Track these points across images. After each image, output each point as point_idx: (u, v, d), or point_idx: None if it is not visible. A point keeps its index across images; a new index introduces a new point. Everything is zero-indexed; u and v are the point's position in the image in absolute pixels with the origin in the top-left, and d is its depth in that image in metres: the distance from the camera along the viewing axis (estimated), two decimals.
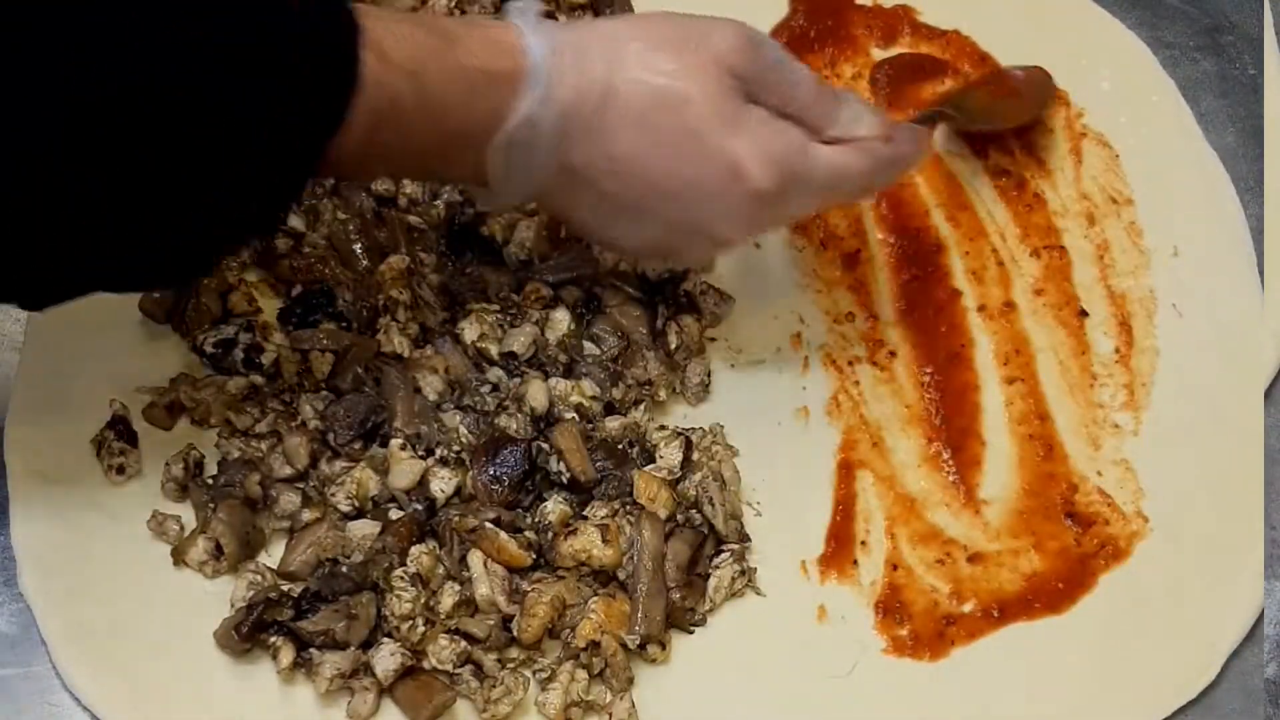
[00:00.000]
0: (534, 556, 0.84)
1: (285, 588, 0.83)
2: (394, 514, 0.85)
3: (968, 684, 0.85)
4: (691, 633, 0.86)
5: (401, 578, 0.82)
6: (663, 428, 0.89)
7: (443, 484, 0.85)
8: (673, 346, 0.92)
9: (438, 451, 0.87)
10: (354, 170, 0.84)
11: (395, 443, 0.86)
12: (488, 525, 0.84)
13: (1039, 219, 1.00)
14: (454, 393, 0.89)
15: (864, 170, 0.84)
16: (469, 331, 0.90)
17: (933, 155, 1.02)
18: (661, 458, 0.87)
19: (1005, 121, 1.02)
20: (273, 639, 0.81)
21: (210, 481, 0.86)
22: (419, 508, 0.85)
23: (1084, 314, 0.97)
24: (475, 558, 0.84)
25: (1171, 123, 1.04)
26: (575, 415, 0.88)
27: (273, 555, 0.85)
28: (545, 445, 0.86)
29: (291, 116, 0.71)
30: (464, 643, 0.82)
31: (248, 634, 0.81)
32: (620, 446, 0.88)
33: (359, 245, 0.93)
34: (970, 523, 0.90)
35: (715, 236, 0.84)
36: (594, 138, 0.78)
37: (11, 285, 0.72)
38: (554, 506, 0.85)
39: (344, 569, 0.83)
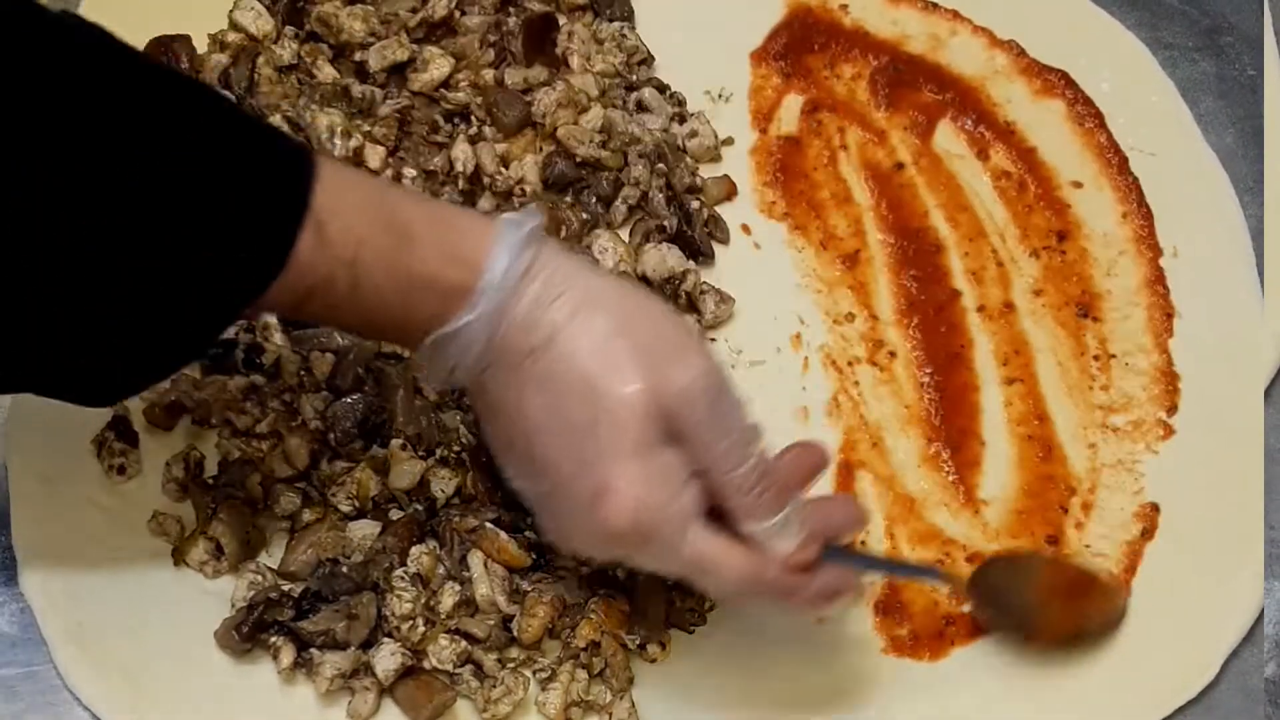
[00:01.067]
0: (534, 556, 0.84)
1: (286, 588, 0.83)
2: (394, 514, 0.85)
3: (968, 684, 0.85)
4: (691, 633, 0.86)
5: (402, 578, 0.82)
6: None
7: (443, 484, 0.85)
8: None
9: (438, 451, 0.87)
10: (281, 315, 0.88)
11: (395, 443, 0.86)
12: (488, 525, 0.84)
13: (1039, 219, 1.00)
14: (454, 393, 0.89)
15: (739, 578, 0.73)
16: None
17: (932, 156, 1.02)
18: None
19: (1029, 636, 0.86)
20: (273, 639, 0.81)
21: (211, 481, 0.86)
22: (419, 508, 0.85)
23: (1084, 314, 0.97)
24: (475, 558, 0.84)
25: (1171, 123, 1.04)
26: None
27: (273, 555, 0.85)
28: None
29: (216, 277, 0.68)
30: (464, 643, 0.82)
31: (248, 634, 0.81)
32: None
33: None
34: (969, 523, 0.90)
35: (569, 538, 0.76)
36: (513, 380, 0.72)
37: None
38: None
39: (344, 569, 0.83)
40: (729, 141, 1.02)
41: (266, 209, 0.69)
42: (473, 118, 0.98)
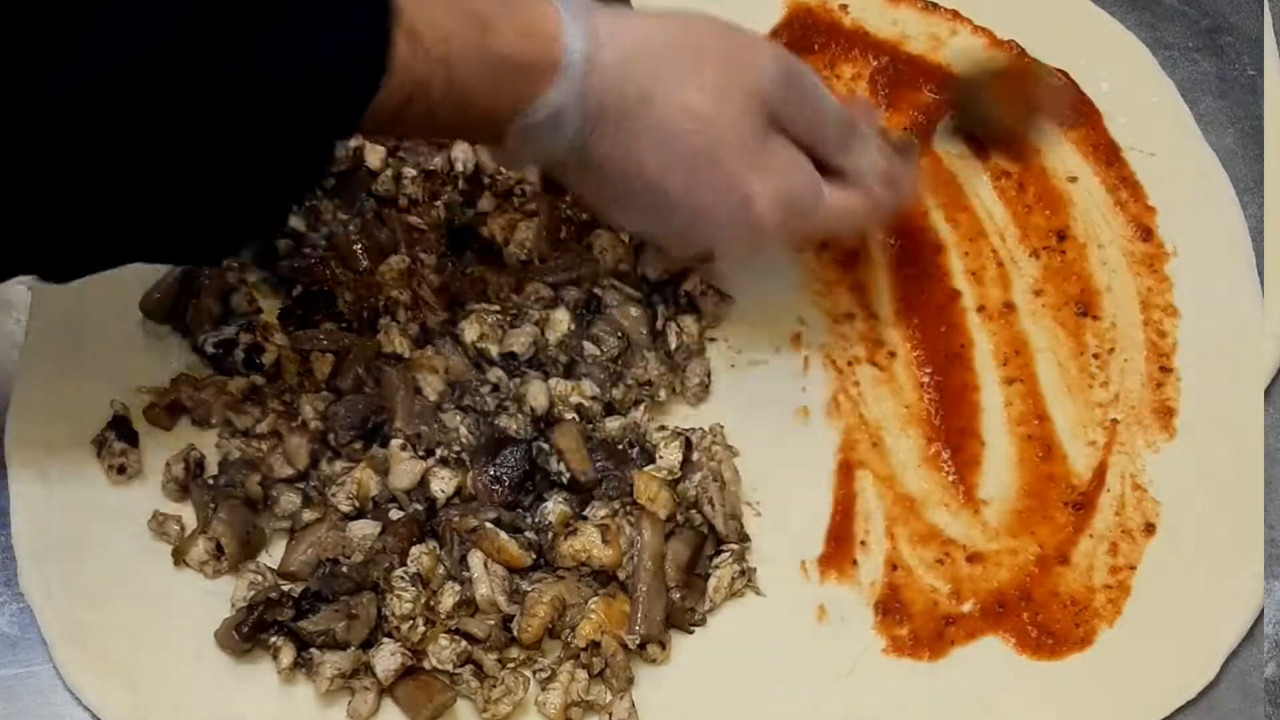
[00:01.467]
0: (534, 556, 0.84)
1: (285, 588, 0.83)
2: (394, 514, 0.85)
3: (968, 684, 0.85)
4: (691, 633, 0.86)
5: (402, 578, 0.82)
6: (663, 428, 0.89)
7: (443, 484, 0.85)
8: (673, 346, 0.92)
9: (438, 452, 0.87)
10: (378, 134, 0.90)
11: (395, 443, 0.86)
12: (488, 525, 0.84)
13: (1038, 219, 1.00)
14: (454, 393, 0.89)
15: (864, 213, 0.87)
16: (469, 331, 0.90)
17: (932, 156, 1.02)
18: (661, 458, 0.87)
19: (1012, 124, 1.02)
20: (273, 639, 0.81)
21: (211, 481, 0.87)
22: (419, 508, 0.85)
23: (1083, 313, 0.97)
24: (475, 558, 0.84)
25: (1171, 123, 1.04)
26: (575, 415, 0.88)
27: (273, 555, 0.85)
28: (545, 445, 0.86)
29: (321, 95, 0.71)
30: (464, 643, 0.82)
31: (248, 634, 0.81)
32: (620, 446, 0.88)
33: (359, 245, 0.93)
34: (969, 522, 0.90)
35: (713, 250, 0.88)
36: (620, 138, 0.78)
37: (39, 254, 0.73)
38: (554, 507, 0.85)
39: (344, 569, 0.83)
40: None
41: (363, 21, 0.71)
42: None
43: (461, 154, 0.96)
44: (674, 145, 0.79)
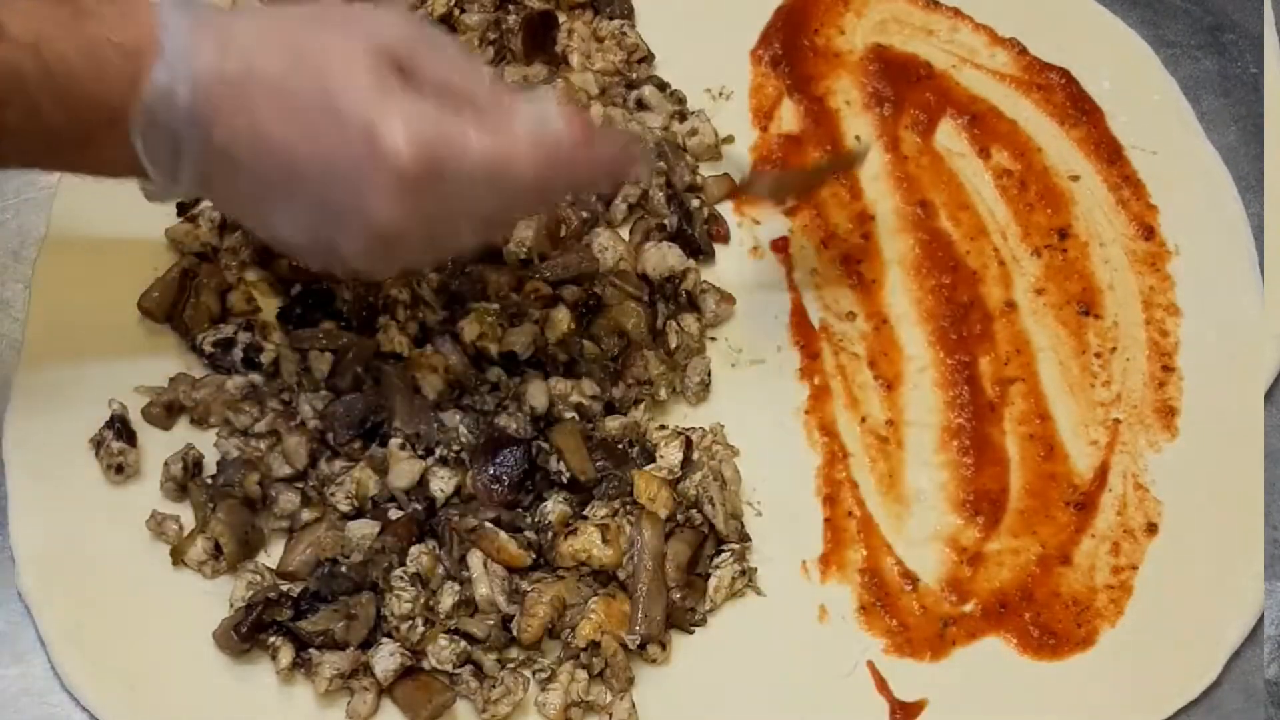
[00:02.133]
0: (534, 556, 0.84)
1: (285, 588, 0.83)
2: (394, 514, 0.85)
3: (968, 684, 0.85)
4: (691, 633, 0.86)
5: (401, 578, 0.82)
6: (663, 428, 0.89)
7: (442, 484, 0.85)
8: (673, 346, 0.92)
9: (437, 451, 0.86)
10: None
11: (395, 442, 0.86)
12: (488, 525, 0.84)
13: (1040, 218, 1.00)
14: (454, 392, 0.89)
15: (534, 162, 0.75)
16: (469, 331, 0.89)
17: (934, 154, 1.02)
18: (661, 458, 0.87)
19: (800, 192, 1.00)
20: (272, 639, 0.81)
21: (209, 481, 0.86)
22: (419, 507, 0.85)
23: (1085, 312, 0.97)
24: (475, 558, 0.83)
25: (1173, 121, 1.04)
26: (575, 415, 0.88)
27: (272, 555, 0.85)
28: (545, 445, 0.86)
29: None
30: (464, 643, 0.82)
31: (247, 634, 0.81)
32: (620, 446, 0.88)
33: None
34: (970, 522, 0.90)
35: (369, 219, 0.74)
36: (236, 112, 0.73)
37: None
38: (554, 506, 0.85)
39: (343, 569, 0.83)
40: (729, 139, 1.02)
41: None
42: None
43: None
44: (285, 102, 0.73)
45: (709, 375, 0.93)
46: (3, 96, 0.71)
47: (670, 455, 0.87)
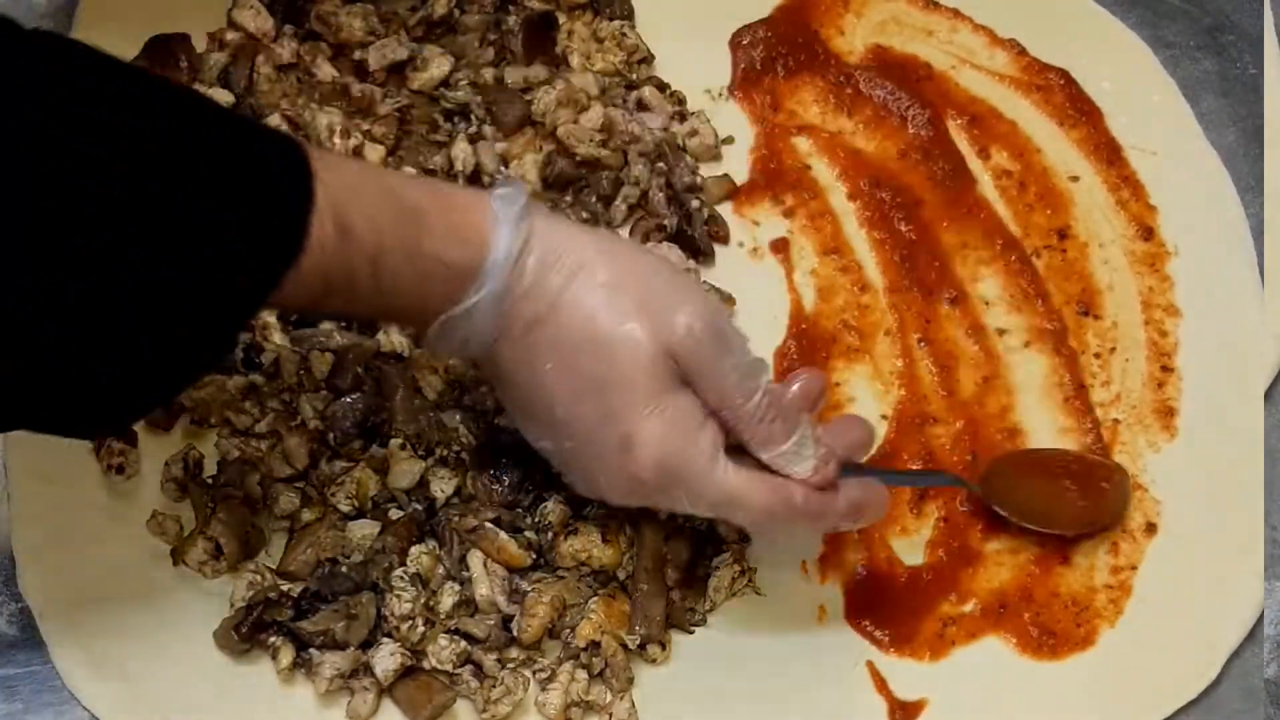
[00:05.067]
0: (534, 556, 0.84)
1: (285, 588, 0.83)
2: (394, 514, 0.85)
3: (968, 684, 0.85)
4: (691, 633, 0.86)
5: (401, 578, 0.82)
6: None
7: (443, 484, 0.85)
8: None
9: (437, 451, 0.86)
10: (292, 311, 0.89)
11: (395, 442, 0.86)
12: (488, 525, 0.84)
13: (1040, 219, 1.00)
14: (454, 392, 0.89)
15: (767, 505, 0.76)
16: None
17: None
18: None
19: (1047, 524, 0.89)
20: (272, 639, 0.81)
21: (210, 481, 0.86)
22: (419, 508, 0.85)
23: (1084, 312, 0.97)
24: (475, 558, 0.84)
25: (1172, 122, 1.04)
26: None
27: (272, 555, 0.85)
28: None
29: (227, 276, 0.67)
30: (464, 643, 0.82)
31: (247, 634, 0.81)
32: None
33: None
34: (970, 522, 0.90)
35: (600, 491, 0.79)
36: (522, 346, 0.75)
37: None
38: (554, 506, 0.85)
39: (344, 569, 0.83)
40: (729, 140, 1.02)
41: (269, 203, 0.68)
42: (472, 116, 0.98)
43: (461, 153, 0.95)
44: (570, 366, 0.74)
45: None
46: (332, 289, 0.71)
47: None
